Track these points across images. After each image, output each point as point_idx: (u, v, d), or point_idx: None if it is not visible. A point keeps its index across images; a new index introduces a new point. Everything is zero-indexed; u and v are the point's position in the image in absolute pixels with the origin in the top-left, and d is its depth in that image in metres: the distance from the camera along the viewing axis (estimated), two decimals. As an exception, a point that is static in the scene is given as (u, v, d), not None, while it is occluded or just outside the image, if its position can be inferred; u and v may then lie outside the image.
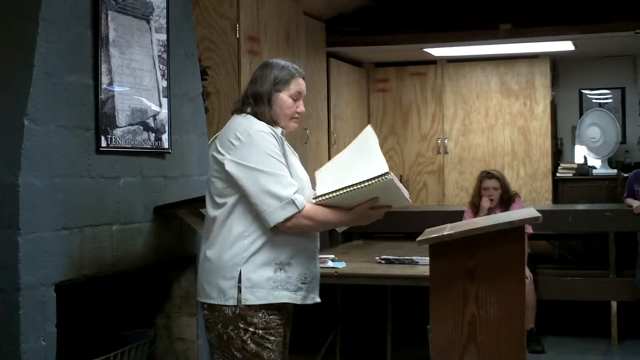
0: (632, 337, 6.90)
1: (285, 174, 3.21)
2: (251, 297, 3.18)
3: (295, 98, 3.39)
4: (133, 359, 4.32)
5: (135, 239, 4.16)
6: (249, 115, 3.32)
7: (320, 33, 7.49)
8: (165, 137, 4.37)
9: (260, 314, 3.20)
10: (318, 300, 3.40)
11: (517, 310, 3.32)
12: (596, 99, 9.54)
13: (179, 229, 4.50)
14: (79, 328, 4.26)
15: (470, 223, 3.75)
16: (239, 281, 3.18)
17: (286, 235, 3.23)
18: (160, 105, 4.34)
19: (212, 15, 5.73)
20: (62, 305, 3.61)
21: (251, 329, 3.18)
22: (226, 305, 3.20)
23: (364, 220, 3.32)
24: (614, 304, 6.82)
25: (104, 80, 3.91)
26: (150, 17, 4.28)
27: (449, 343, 3.37)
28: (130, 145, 4.10)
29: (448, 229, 3.43)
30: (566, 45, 8.01)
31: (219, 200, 3.27)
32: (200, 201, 4.45)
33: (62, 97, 3.65)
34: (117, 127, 3.99)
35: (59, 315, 3.57)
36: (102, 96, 3.89)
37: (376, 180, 3.11)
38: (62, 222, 3.61)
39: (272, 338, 3.23)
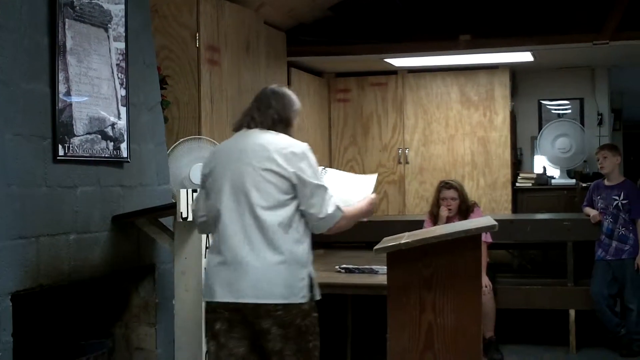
0: (590, 346, 6.97)
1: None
2: (317, 293, 3.58)
3: None
4: (91, 369, 4.30)
5: (93, 249, 4.13)
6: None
7: (281, 43, 7.49)
8: (123, 146, 4.36)
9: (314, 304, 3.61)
10: None
11: (474, 318, 3.35)
12: (555, 109, 9.63)
13: (137, 238, 4.48)
14: (37, 338, 4.22)
15: (428, 232, 3.78)
16: (310, 279, 3.53)
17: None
18: (119, 114, 4.33)
19: (171, 24, 5.70)
20: (18, 315, 3.58)
21: (315, 315, 3.58)
22: (303, 303, 3.49)
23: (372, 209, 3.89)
24: (572, 313, 6.89)
25: (61, 88, 3.88)
26: (109, 25, 4.26)
27: (407, 351, 3.39)
28: (88, 154, 4.07)
29: (405, 238, 3.46)
30: (525, 56, 8.09)
31: (278, 208, 3.51)
32: (159, 210, 4.46)
33: (19, 105, 3.62)
34: (74, 135, 3.96)
35: (15, 325, 3.53)
36: (60, 105, 3.86)
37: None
38: (18, 231, 3.58)
39: None
